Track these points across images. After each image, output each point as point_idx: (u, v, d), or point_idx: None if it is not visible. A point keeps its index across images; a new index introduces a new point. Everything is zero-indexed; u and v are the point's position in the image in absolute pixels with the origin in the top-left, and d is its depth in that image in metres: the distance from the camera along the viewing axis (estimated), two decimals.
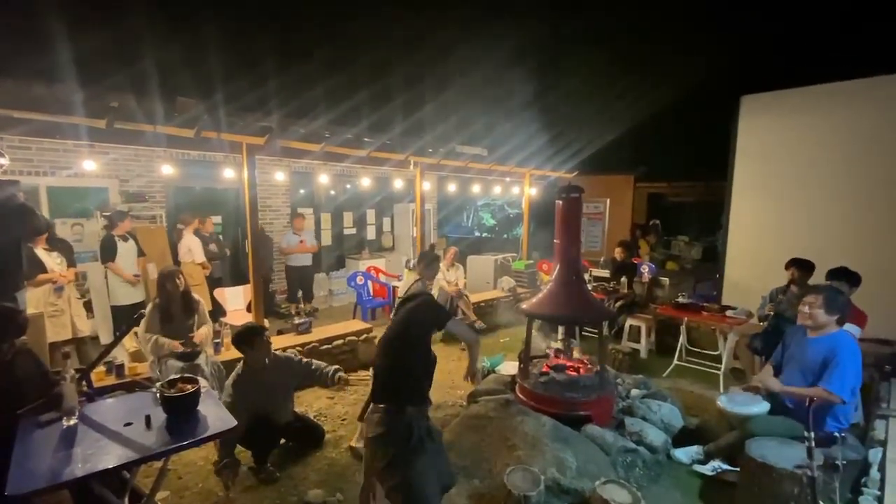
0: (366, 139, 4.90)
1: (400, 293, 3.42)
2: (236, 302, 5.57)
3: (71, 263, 4.09)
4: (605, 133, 8.73)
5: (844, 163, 4.75)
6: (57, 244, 4.07)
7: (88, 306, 4.89)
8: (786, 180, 5.14)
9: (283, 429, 3.01)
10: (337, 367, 3.21)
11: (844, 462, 2.02)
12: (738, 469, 2.59)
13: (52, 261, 3.88)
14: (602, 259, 7.72)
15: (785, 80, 5.18)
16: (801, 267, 3.86)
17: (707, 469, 2.81)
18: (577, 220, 3.36)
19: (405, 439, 1.88)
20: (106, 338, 5.02)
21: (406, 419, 1.91)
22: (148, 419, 1.98)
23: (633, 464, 2.78)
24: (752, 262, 5.38)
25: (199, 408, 2.09)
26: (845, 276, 3.41)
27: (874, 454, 2.66)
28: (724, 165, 5.66)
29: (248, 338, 2.85)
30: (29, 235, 3.03)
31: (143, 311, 3.15)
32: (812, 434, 1.70)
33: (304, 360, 3.20)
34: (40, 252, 3.80)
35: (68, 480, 1.62)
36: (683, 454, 2.94)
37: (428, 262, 3.56)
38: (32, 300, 3.68)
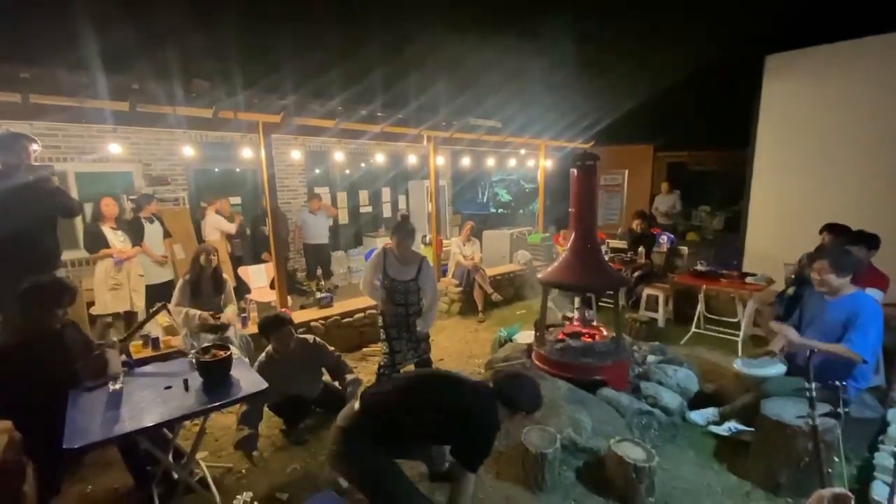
0: (379, 114, 4.91)
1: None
2: (260, 279, 5.74)
3: (135, 243, 4.40)
4: (623, 101, 8.47)
5: (873, 124, 4.55)
6: (124, 224, 4.40)
7: None
8: (811, 144, 4.97)
9: (313, 401, 3.15)
10: (359, 379, 3.17)
11: (846, 410, 2.06)
12: (753, 429, 2.63)
13: (116, 238, 4.21)
14: (620, 230, 7.63)
15: (814, 35, 4.92)
16: (835, 232, 3.74)
17: (722, 430, 2.85)
18: (592, 189, 3.35)
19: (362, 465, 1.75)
20: (142, 315, 5.27)
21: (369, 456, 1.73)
22: (186, 383, 2.13)
23: (648, 425, 2.84)
24: (774, 230, 5.27)
25: (231, 372, 2.23)
26: (863, 240, 3.33)
27: (893, 414, 2.66)
28: (747, 132, 5.49)
29: (266, 328, 2.89)
30: (64, 216, 3.18)
31: (160, 303, 3.16)
32: (813, 385, 1.75)
33: (336, 353, 3.17)
34: (106, 230, 4.15)
35: (119, 435, 1.77)
36: (699, 416, 2.98)
37: (401, 237, 3.14)
38: (97, 274, 4.13)
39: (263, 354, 2.94)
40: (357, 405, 1.79)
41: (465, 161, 7.99)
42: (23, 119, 3.79)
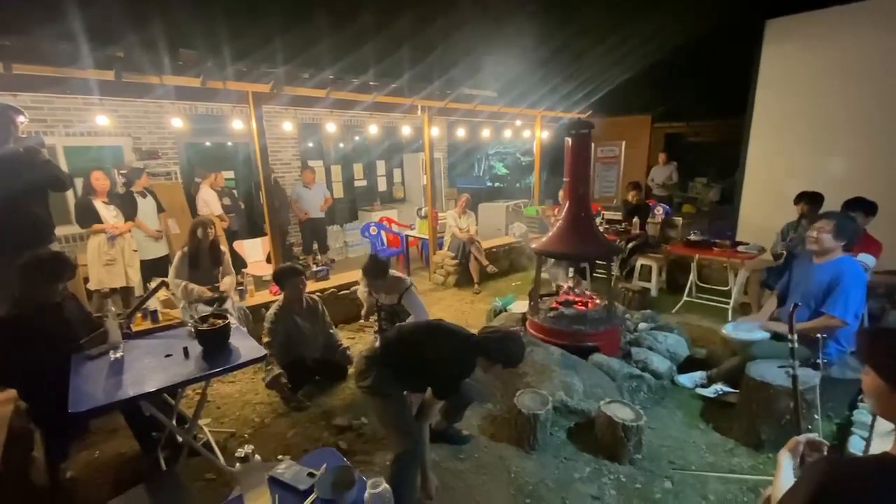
0: (372, 83, 4.81)
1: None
2: (255, 254, 5.76)
3: (129, 217, 4.34)
4: (621, 71, 8.32)
5: (872, 90, 4.50)
6: (116, 199, 4.31)
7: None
8: (809, 110, 4.92)
9: (312, 365, 3.26)
10: (347, 347, 3.56)
11: (825, 360, 2.16)
12: (738, 391, 2.72)
13: (109, 213, 4.13)
14: (615, 202, 7.63)
15: None
16: (811, 200, 3.82)
17: (709, 392, 2.95)
18: (586, 158, 3.34)
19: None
20: (138, 290, 5.29)
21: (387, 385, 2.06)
22: (186, 350, 2.17)
23: (637, 388, 2.94)
24: (769, 198, 5.27)
25: (230, 340, 2.27)
26: (861, 206, 3.36)
27: None
28: (745, 102, 5.42)
29: (279, 275, 3.19)
30: (54, 189, 3.15)
31: (159, 280, 3.31)
32: (795, 336, 1.83)
33: (332, 326, 3.51)
34: (98, 204, 4.07)
35: (122, 399, 1.82)
36: (687, 379, 3.07)
37: (370, 279, 3.20)
38: (90, 249, 4.07)
39: (276, 304, 3.17)
40: (377, 343, 2.19)
41: (461, 133, 7.86)
42: (6, 90, 3.71)
